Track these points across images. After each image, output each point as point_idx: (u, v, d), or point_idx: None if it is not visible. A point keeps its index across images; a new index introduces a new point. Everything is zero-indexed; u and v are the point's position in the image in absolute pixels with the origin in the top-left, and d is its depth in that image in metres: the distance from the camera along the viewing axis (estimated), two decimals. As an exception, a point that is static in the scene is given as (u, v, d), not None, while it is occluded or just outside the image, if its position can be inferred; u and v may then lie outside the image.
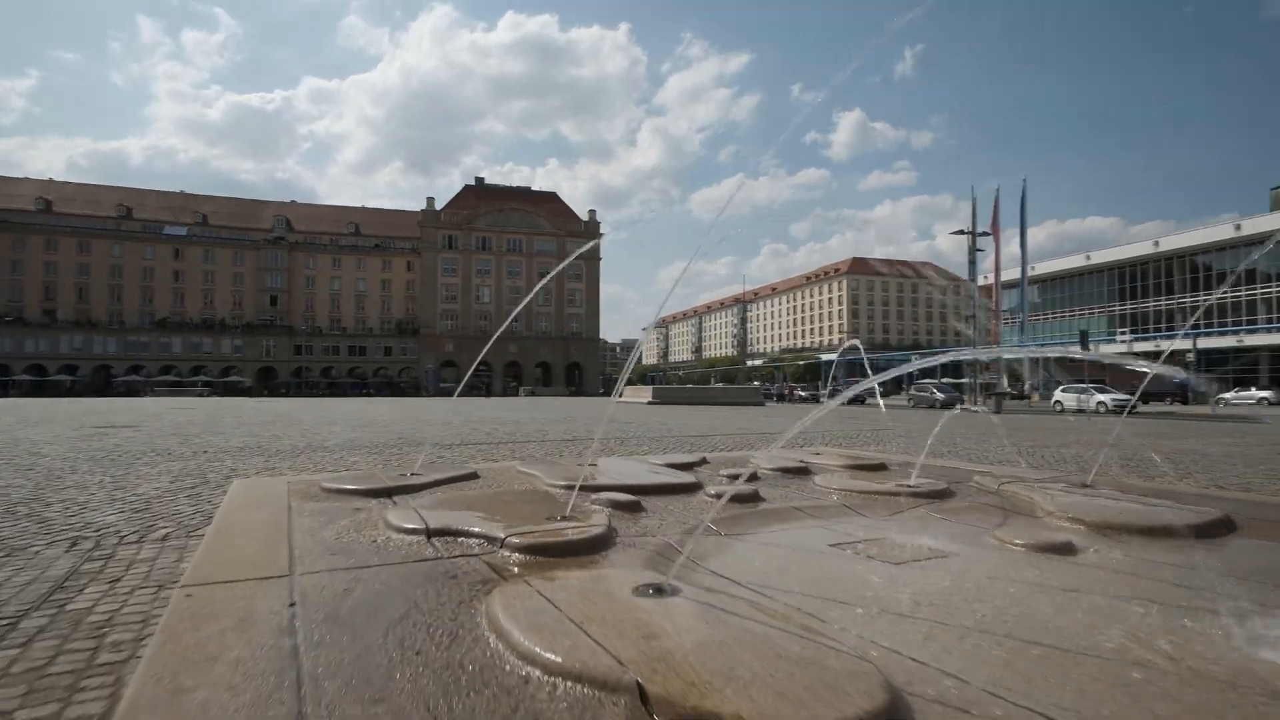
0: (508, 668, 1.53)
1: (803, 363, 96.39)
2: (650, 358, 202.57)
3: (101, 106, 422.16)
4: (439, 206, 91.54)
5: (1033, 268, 55.05)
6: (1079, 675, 1.57)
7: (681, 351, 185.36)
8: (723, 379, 78.13)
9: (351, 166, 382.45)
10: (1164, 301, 57.84)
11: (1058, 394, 32.44)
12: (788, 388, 55.97)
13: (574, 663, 1.47)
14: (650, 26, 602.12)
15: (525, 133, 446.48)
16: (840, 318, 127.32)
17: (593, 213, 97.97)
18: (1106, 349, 51.97)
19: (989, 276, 44.01)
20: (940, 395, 33.96)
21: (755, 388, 46.24)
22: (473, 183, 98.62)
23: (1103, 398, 29.35)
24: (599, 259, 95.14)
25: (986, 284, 45.25)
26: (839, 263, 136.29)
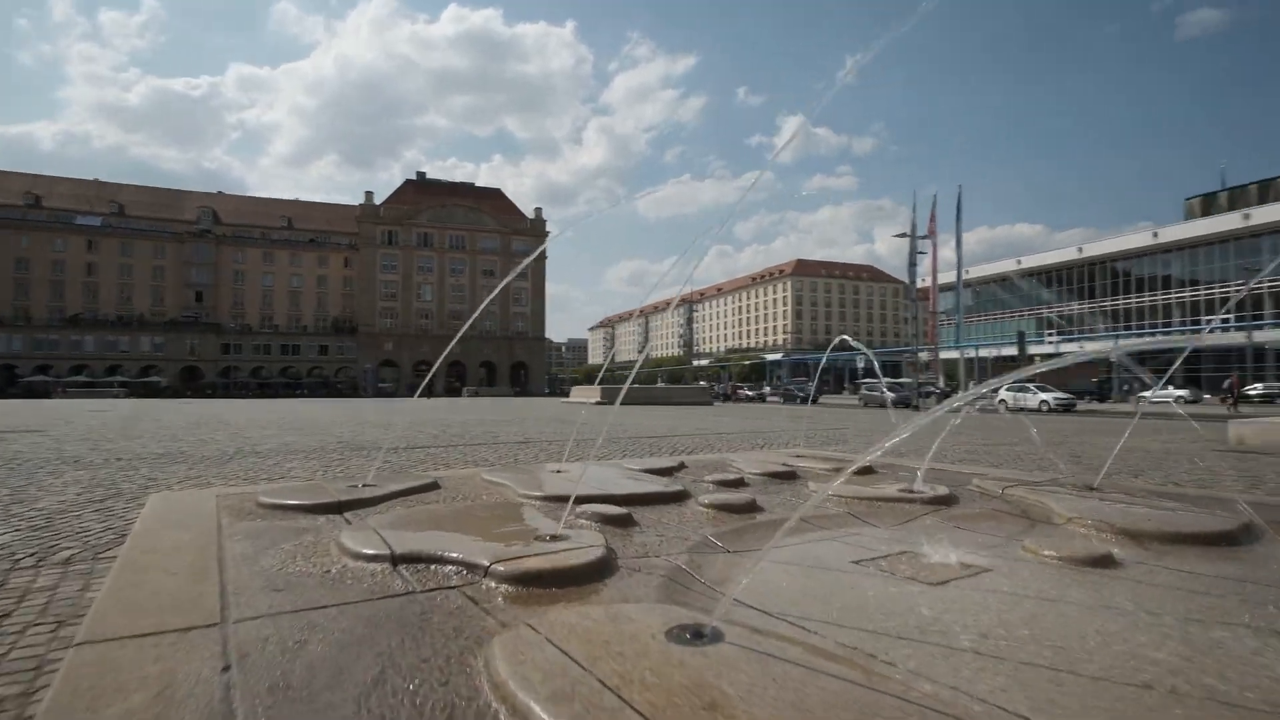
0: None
1: (748, 363, 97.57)
2: (596, 357, 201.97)
3: (7, 87, 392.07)
4: (378, 201, 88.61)
5: (967, 271, 57.12)
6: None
7: (628, 351, 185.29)
8: (670, 379, 78.19)
9: (284, 158, 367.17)
10: (1088, 304, 61.01)
11: (1002, 392, 33.95)
12: (733, 387, 56.45)
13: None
14: (597, 25, 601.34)
15: (469, 128, 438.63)
16: (785, 318, 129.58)
17: (539, 210, 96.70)
18: (1036, 350, 54.32)
19: (926, 279, 45.48)
20: (890, 395, 34.89)
21: (704, 387, 46.36)
22: (414, 177, 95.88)
23: (1045, 396, 30.82)
24: (545, 258, 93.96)
25: (924, 286, 46.77)
26: (783, 264, 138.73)
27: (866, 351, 7.02)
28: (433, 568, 2.30)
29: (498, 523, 3.04)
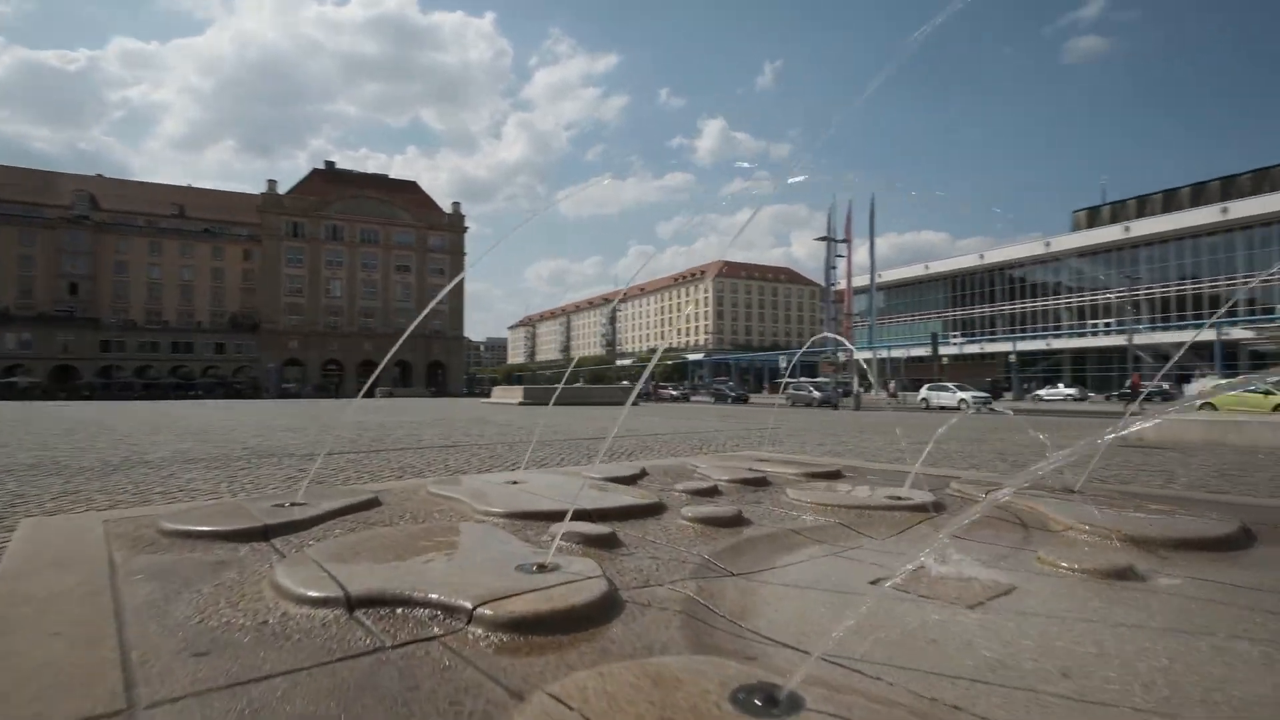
0: None
1: (670, 363, 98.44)
2: (516, 356, 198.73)
3: None
4: (283, 191, 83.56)
5: (880, 275, 59.81)
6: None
7: (549, 351, 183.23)
8: (593, 379, 77.71)
9: (174, 141, 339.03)
10: (989, 308, 65.20)
11: (924, 391, 36.21)
12: (654, 386, 56.70)
13: None
14: (517, 19, 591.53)
15: (382, 117, 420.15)
16: (706, 319, 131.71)
17: (456, 205, 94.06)
18: (942, 350, 57.54)
19: (841, 282, 47.29)
20: (817, 394, 36.10)
21: (626, 387, 46.26)
22: (322, 166, 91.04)
23: (964, 395, 32.77)
24: (464, 254, 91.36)
25: (840, 288, 48.60)
26: (705, 265, 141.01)
27: (851, 347, 6.94)
28: (399, 611, 1.89)
29: (463, 549, 2.63)
